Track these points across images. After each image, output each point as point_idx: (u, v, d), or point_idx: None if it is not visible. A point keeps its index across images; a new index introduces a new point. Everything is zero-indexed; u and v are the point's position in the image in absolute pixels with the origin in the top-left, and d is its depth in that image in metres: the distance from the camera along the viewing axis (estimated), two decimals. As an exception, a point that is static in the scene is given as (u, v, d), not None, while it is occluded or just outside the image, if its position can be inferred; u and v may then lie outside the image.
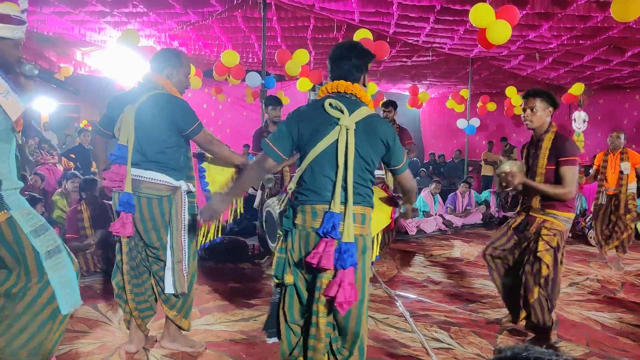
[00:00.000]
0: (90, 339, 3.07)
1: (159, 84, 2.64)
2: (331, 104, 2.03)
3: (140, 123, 2.56)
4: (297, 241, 2.09)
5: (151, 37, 8.07)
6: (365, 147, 2.03)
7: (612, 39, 6.90)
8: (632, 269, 5.54)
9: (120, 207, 2.56)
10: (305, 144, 2.07)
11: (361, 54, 2.15)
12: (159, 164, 2.60)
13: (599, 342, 3.30)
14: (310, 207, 2.04)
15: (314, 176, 2.06)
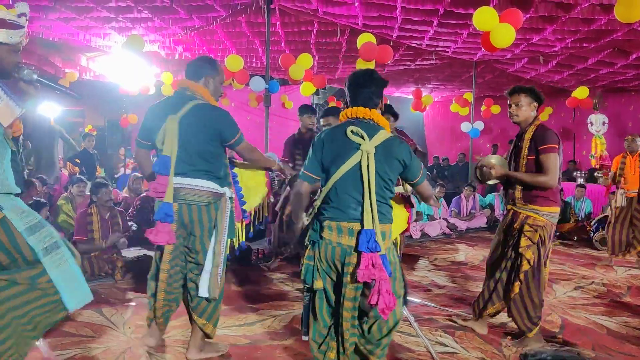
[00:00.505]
0: (96, 343, 3.08)
1: (197, 92, 2.66)
2: (352, 131, 2.23)
3: (185, 133, 2.58)
4: (324, 252, 2.29)
5: (156, 42, 8.12)
6: (384, 168, 2.24)
7: (616, 42, 6.88)
8: (638, 272, 5.50)
9: (158, 217, 2.57)
10: (330, 166, 2.29)
11: (378, 82, 2.35)
12: (206, 173, 2.63)
13: (605, 346, 3.28)
14: (336, 224, 2.25)
15: (338, 195, 2.27)
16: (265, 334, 3.34)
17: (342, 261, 2.26)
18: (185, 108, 2.59)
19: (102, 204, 4.68)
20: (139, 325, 3.40)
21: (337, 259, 2.26)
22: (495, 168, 3.17)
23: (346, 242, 2.23)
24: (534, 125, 3.15)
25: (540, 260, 3.12)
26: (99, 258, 4.54)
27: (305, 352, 3.04)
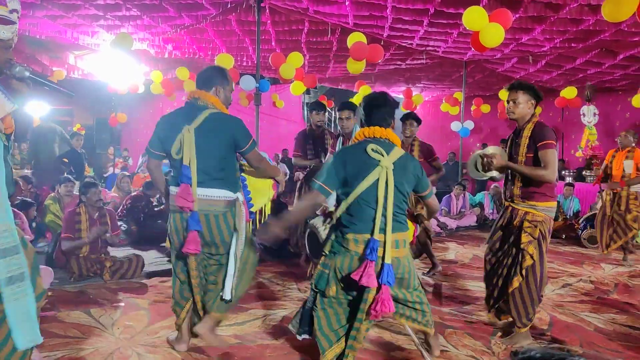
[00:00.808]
0: (83, 344, 3.04)
1: (209, 102, 2.72)
2: (373, 149, 2.47)
3: (201, 142, 2.63)
4: (346, 262, 2.49)
5: (145, 41, 8.05)
6: (401, 182, 2.49)
7: (603, 42, 6.95)
8: (625, 269, 5.57)
9: (192, 227, 2.63)
10: (352, 181, 2.48)
11: (391, 104, 2.62)
12: (222, 181, 2.70)
13: (592, 343, 3.31)
14: (361, 237, 2.46)
15: (360, 209, 2.47)
16: (256, 333, 3.32)
17: None
18: (199, 118, 2.64)
19: (91, 204, 4.63)
20: (127, 326, 3.38)
21: (354, 267, 2.45)
22: (497, 157, 3.19)
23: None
24: (532, 123, 3.17)
25: (543, 256, 3.14)
26: (87, 258, 4.49)
27: (295, 352, 3.03)
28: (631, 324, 3.71)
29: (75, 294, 4.10)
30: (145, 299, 4.02)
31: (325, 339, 2.56)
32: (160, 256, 5.58)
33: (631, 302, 4.30)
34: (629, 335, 3.49)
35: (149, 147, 2.82)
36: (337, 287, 2.54)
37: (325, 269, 2.57)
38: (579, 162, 10.71)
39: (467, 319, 3.72)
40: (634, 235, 5.74)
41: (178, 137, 2.64)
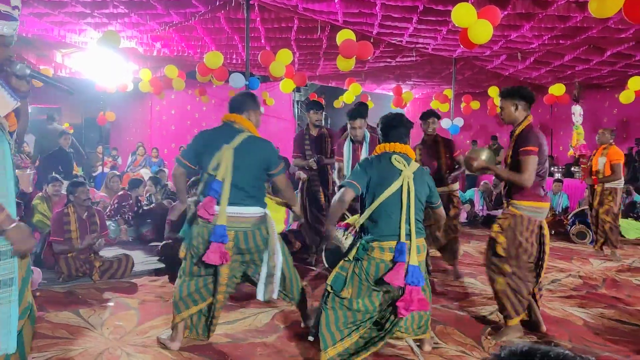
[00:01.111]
0: (71, 345, 3.02)
1: (244, 125, 2.93)
2: (396, 159, 2.74)
3: (238, 162, 2.82)
4: (373, 269, 2.67)
5: (133, 39, 7.98)
6: (420, 190, 2.75)
7: (591, 39, 7.00)
8: (613, 264, 5.63)
9: (214, 238, 2.74)
10: (377, 187, 2.72)
11: (407, 124, 2.90)
12: (254, 198, 2.88)
13: (581, 337, 3.34)
14: (387, 244, 2.66)
15: (384, 215, 2.68)
16: (247, 331, 3.32)
17: None
18: (238, 139, 2.85)
19: (79, 204, 4.58)
20: (117, 326, 3.36)
21: (381, 273, 2.65)
22: (477, 160, 3.26)
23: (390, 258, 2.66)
24: (522, 126, 3.25)
25: (518, 249, 3.18)
26: (76, 258, 4.45)
27: (287, 350, 3.03)
28: (619, 318, 3.75)
29: (64, 295, 4.06)
30: (135, 299, 3.99)
31: (330, 336, 2.67)
32: (150, 255, 5.55)
33: (619, 296, 4.35)
34: (617, 329, 3.53)
35: (181, 156, 2.99)
36: (354, 289, 2.71)
37: (343, 271, 2.74)
38: (568, 159, 10.81)
39: (457, 315, 3.74)
40: (611, 227, 5.83)
41: (217, 155, 2.82)
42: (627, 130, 11.21)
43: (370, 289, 2.72)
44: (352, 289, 2.71)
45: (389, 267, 2.64)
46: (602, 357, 3.02)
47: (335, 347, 2.65)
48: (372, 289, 2.73)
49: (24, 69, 1.97)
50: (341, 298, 2.72)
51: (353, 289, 2.71)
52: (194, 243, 2.89)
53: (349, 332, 2.72)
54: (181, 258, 2.99)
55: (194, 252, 2.90)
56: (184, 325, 3.00)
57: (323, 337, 2.67)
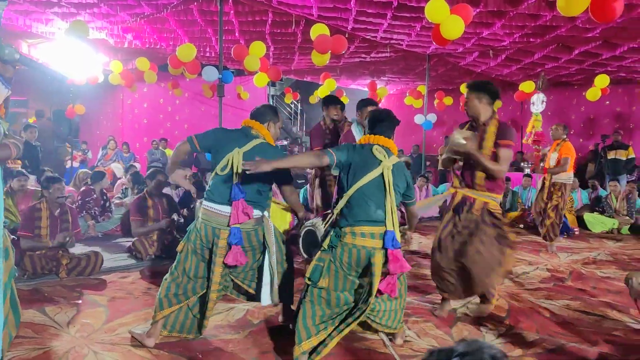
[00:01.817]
0: (36, 344, 2.93)
1: (260, 133, 3.01)
2: (377, 149, 2.79)
3: None
4: (347, 255, 2.72)
5: (103, 30, 7.79)
6: (397, 183, 2.80)
7: (560, 38, 7.17)
8: (579, 257, 5.79)
9: (235, 240, 2.82)
10: (354, 173, 2.76)
11: (393, 119, 2.97)
12: (254, 203, 2.91)
13: (548, 328, 3.43)
14: (359, 229, 2.71)
15: (360, 202, 2.72)
16: (219, 327, 3.29)
17: (366, 261, 2.71)
18: (250, 144, 2.91)
19: (53, 200, 4.45)
20: (84, 323, 3.28)
21: (362, 260, 2.71)
22: (471, 140, 3.28)
23: (370, 244, 2.70)
24: (495, 120, 3.37)
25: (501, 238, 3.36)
26: (43, 256, 4.33)
27: (258, 346, 3.02)
28: (584, 309, 3.86)
29: (29, 292, 3.94)
30: (104, 296, 3.91)
31: (305, 331, 2.69)
32: (120, 251, 5.45)
33: (584, 288, 4.47)
34: (582, 320, 3.63)
35: (195, 137, 2.97)
36: (330, 278, 2.73)
37: (321, 262, 2.76)
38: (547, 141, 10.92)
39: (429, 308, 3.78)
40: (552, 223, 5.98)
41: (227, 156, 2.87)
42: (593, 127, 11.54)
43: (345, 277, 2.75)
44: (329, 278, 2.74)
45: (370, 254, 2.68)
46: (568, 347, 3.11)
47: (309, 341, 2.66)
48: (346, 277, 2.75)
49: (13, 54, 1.88)
50: (319, 289, 2.74)
51: (330, 279, 2.74)
52: (191, 238, 2.94)
53: (325, 326, 2.73)
54: (177, 252, 3.00)
55: (191, 248, 2.93)
56: (163, 322, 2.97)
57: (299, 331, 2.68)
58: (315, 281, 2.74)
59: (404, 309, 2.99)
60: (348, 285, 2.78)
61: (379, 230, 2.71)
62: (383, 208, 2.73)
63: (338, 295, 2.76)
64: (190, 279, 2.96)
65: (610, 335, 3.34)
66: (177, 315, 3.01)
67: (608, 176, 9.40)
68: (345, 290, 2.78)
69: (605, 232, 7.73)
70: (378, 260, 2.69)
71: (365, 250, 2.70)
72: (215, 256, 2.86)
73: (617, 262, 5.64)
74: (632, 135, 10.87)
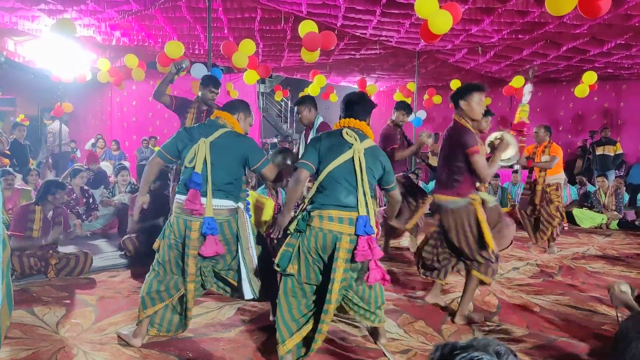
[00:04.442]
0: (24, 345, 2.90)
1: (228, 122, 2.98)
2: (347, 133, 2.71)
3: (213, 156, 2.85)
4: (314, 240, 2.62)
5: (90, 27, 7.71)
6: (371, 167, 2.69)
7: (548, 34, 7.21)
8: (568, 253, 5.84)
9: (208, 230, 2.78)
10: (324, 158, 2.68)
11: (367, 102, 2.89)
12: (225, 192, 2.88)
13: (538, 324, 3.45)
14: (327, 213, 2.61)
15: (331, 185, 2.64)
16: (210, 326, 3.27)
17: (333, 246, 2.60)
18: (216, 133, 2.89)
19: (54, 204, 4.41)
20: (73, 323, 3.25)
21: (328, 244, 2.61)
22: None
23: (337, 228, 2.59)
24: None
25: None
26: (32, 255, 4.27)
27: (250, 344, 3.01)
28: (573, 304, 3.89)
29: (17, 293, 3.88)
30: (93, 295, 3.88)
31: (286, 329, 2.63)
32: (112, 250, 5.40)
33: (574, 283, 4.51)
34: (571, 314, 3.67)
35: (162, 149, 2.99)
36: (300, 265, 2.66)
37: (289, 247, 2.67)
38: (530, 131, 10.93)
39: (419, 304, 3.80)
40: (559, 222, 5.85)
41: (193, 148, 2.86)
42: (581, 123, 11.64)
43: (313, 264, 2.66)
44: (297, 264, 2.65)
45: (336, 239, 2.59)
46: (557, 342, 3.13)
47: (292, 339, 2.62)
48: (315, 264, 2.67)
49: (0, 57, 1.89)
50: (289, 276, 2.67)
51: (300, 264, 2.66)
52: (166, 233, 2.91)
53: (305, 320, 2.68)
54: (154, 249, 2.98)
55: (166, 243, 2.90)
56: (148, 321, 2.94)
57: (279, 330, 2.63)
58: (283, 267, 2.66)
59: (384, 304, 2.94)
60: (313, 275, 2.68)
61: (348, 215, 2.60)
62: (355, 193, 2.62)
63: (310, 284, 2.70)
64: (170, 275, 2.93)
65: (599, 329, 3.37)
66: (163, 313, 2.98)
67: (596, 172, 9.49)
68: (312, 280, 2.70)
69: (594, 227, 7.81)
70: (344, 246, 2.57)
71: (332, 234, 2.60)
72: (188, 248, 2.83)
73: (605, 257, 5.70)
74: (620, 131, 10.98)
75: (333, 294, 2.58)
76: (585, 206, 8.19)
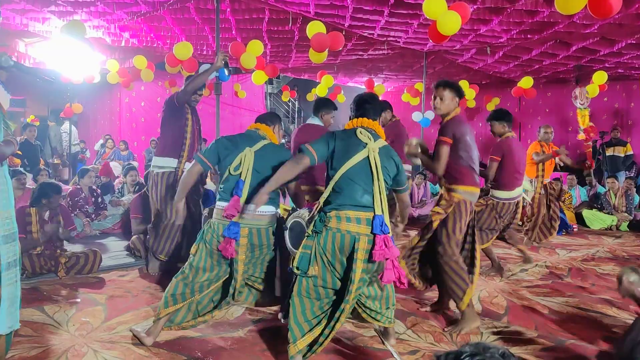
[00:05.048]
0: (35, 343, 2.93)
1: (267, 134, 3.16)
2: (361, 132, 2.73)
3: (258, 164, 2.98)
4: (331, 240, 2.63)
5: (100, 28, 7.76)
6: (385, 166, 2.71)
7: (558, 34, 7.16)
8: (578, 254, 5.80)
9: (228, 234, 2.87)
10: (339, 159, 2.69)
11: (378, 102, 3.00)
12: (270, 199, 2.94)
13: (547, 326, 3.43)
14: (344, 214, 2.62)
15: (347, 185, 2.64)
16: (218, 325, 3.28)
17: (351, 247, 2.61)
18: (259, 144, 3.05)
19: (48, 207, 4.44)
20: (83, 322, 3.27)
21: (346, 245, 2.61)
22: (410, 146, 3.45)
23: (355, 229, 2.60)
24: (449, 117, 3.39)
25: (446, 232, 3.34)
26: (41, 255, 4.31)
27: (258, 344, 3.01)
28: (582, 306, 3.86)
29: (27, 291, 3.92)
30: (102, 294, 3.91)
31: (298, 329, 2.63)
32: (119, 250, 5.44)
33: (583, 285, 4.48)
34: (581, 316, 3.64)
35: (202, 155, 3.07)
36: (319, 267, 2.66)
37: (307, 249, 2.68)
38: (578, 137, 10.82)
39: (427, 306, 3.78)
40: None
41: (239, 156, 2.97)
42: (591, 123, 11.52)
43: (329, 264, 2.67)
44: (317, 266, 2.66)
45: (355, 239, 2.60)
46: (567, 344, 3.11)
47: (304, 339, 2.62)
48: (332, 266, 2.67)
49: (8, 61, 2.00)
50: (309, 278, 2.67)
51: (319, 266, 2.66)
52: (207, 238, 2.98)
53: (317, 321, 2.69)
54: (191, 254, 3.03)
55: (207, 249, 2.97)
56: (166, 320, 2.98)
57: (292, 329, 2.63)
58: (304, 270, 2.65)
59: (394, 306, 2.95)
60: (329, 278, 2.68)
61: (365, 215, 2.62)
62: (371, 192, 2.63)
63: (326, 281, 2.69)
64: (201, 280, 2.99)
65: (609, 332, 3.34)
66: (182, 312, 3.03)
67: (606, 173, 9.41)
68: (328, 284, 2.70)
69: (604, 228, 7.74)
70: (362, 246, 2.59)
71: (350, 235, 2.61)
72: (237, 253, 2.93)
73: (616, 258, 5.65)
74: (630, 131, 10.87)
75: (352, 294, 2.61)
76: (595, 207, 8.12)
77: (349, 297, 2.61)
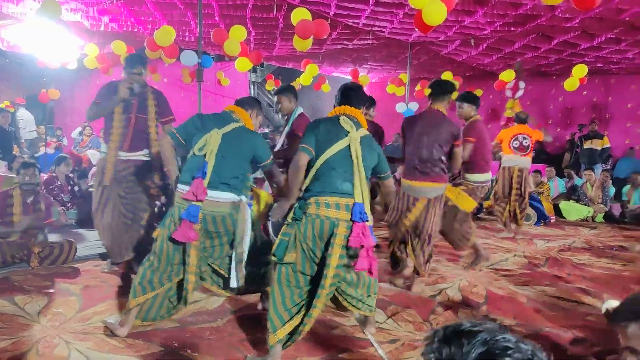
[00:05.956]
0: (4, 334, 2.83)
1: (242, 118, 3.02)
2: (344, 120, 2.75)
3: (224, 148, 2.85)
4: (310, 226, 2.62)
5: (77, 12, 7.54)
6: (366, 155, 2.72)
7: (540, 27, 7.20)
8: (555, 244, 5.88)
9: (185, 216, 2.74)
10: (321, 146, 2.69)
11: (363, 92, 3.00)
12: (229, 186, 2.85)
13: (524, 314, 3.46)
14: (323, 199, 2.62)
15: (328, 172, 2.65)
16: (196, 315, 3.24)
17: (329, 232, 2.60)
18: (229, 127, 2.92)
19: (23, 184, 4.31)
20: (56, 313, 3.19)
21: (325, 231, 2.61)
22: None
23: (334, 215, 2.60)
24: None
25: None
26: (13, 244, 4.19)
27: (236, 333, 2.98)
28: (559, 295, 3.91)
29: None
30: (77, 284, 3.81)
31: (278, 318, 2.60)
32: (95, 239, 5.32)
33: (560, 274, 4.54)
34: (557, 305, 3.69)
35: (175, 131, 3.02)
36: (297, 253, 2.64)
37: (286, 237, 2.67)
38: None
39: (408, 295, 3.79)
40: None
41: (205, 136, 2.85)
42: (571, 116, 11.69)
43: (309, 251, 2.65)
44: (295, 252, 2.64)
45: (334, 225, 2.59)
46: (544, 332, 3.15)
47: (284, 328, 2.59)
48: (310, 250, 2.65)
49: None
50: (286, 265, 2.65)
51: (298, 253, 2.64)
52: (166, 223, 2.88)
53: (297, 309, 2.66)
54: (154, 237, 2.94)
55: (166, 234, 2.86)
56: (137, 310, 2.90)
57: (271, 319, 2.60)
58: (280, 257, 2.64)
59: (376, 294, 2.93)
60: (308, 265, 2.67)
61: (345, 201, 2.62)
62: (351, 181, 2.64)
63: (304, 274, 2.68)
64: (166, 265, 2.89)
65: (584, 320, 3.39)
66: (152, 303, 2.95)
67: (583, 165, 9.55)
68: (307, 270, 2.68)
69: (581, 219, 7.88)
70: (341, 231, 2.59)
71: (329, 221, 2.60)
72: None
73: (591, 249, 5.74)
74: (607, 125, 11.05)
75: (327, 279, 2.59)
76: (573, 199, 8.25)
77: (325, 282, 2.59)
